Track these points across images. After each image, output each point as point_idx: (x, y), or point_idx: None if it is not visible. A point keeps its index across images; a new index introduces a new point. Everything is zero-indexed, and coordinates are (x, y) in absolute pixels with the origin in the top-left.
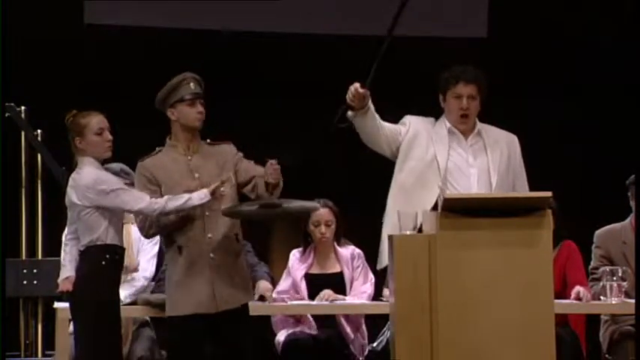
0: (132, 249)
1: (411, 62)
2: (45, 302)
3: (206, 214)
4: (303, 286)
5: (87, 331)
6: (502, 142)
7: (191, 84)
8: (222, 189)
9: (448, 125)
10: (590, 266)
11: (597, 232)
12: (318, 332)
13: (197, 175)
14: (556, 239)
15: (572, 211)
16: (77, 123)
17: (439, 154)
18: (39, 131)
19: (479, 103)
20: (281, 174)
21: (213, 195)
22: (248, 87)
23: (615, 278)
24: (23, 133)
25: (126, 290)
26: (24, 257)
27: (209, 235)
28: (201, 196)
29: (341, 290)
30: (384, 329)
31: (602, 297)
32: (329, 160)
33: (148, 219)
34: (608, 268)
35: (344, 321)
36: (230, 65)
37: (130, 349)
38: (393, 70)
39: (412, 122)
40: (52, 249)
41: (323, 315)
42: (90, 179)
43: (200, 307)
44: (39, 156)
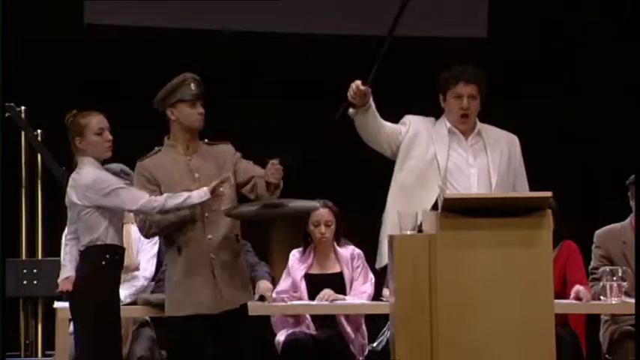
0: (132, 249)
1: (412, 62)
2: (45, 302)
3: (206, 215)
4: (302, 286)
5: (87, 331)
6: (502, 142)
7: (192, 85)
8: (221, 188)
9: (448, 125)
10: (590, 266)
11: (597, 232)
12: (318, 332)
13: (197, 176)
14: (556, 239)
15: (572, 211)
16: (77, 123)
17: (439, 154)
18: (39, 131)
19: (479, 103)
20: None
21: (213, 193)
22: (248, 87)
23: (615, 278)
24: (23, 133)
25: (126, 290)
26: (24, 257)
27: (209, 236)
28: (201, 195)
29: (341, 290)
30: (384, 329)
31: (602, 297)
32: (329, 160)
33: (148, 219)
34: (608, 268)
35: (344, 321)
36: (230, 65)
37: (130, 349)
38: (394, 70)
39: (412, 122)
40: (52, 249)
41: (323, 315)
42: (90, 179)
43: (202, 308)
44: (39, 156)
